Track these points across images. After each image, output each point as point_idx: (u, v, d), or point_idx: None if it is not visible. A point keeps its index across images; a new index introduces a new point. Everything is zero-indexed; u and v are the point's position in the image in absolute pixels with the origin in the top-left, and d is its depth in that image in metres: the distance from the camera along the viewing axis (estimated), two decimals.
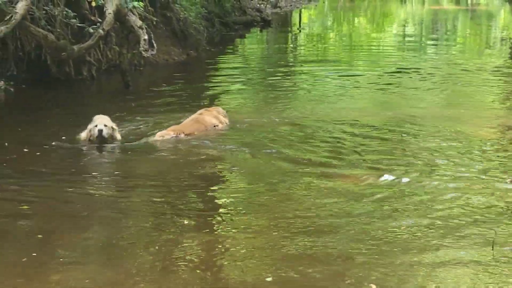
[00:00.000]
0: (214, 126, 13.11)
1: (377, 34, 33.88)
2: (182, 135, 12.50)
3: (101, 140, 11.69)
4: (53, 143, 11.83)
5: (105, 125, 11.68)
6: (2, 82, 16.19)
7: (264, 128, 13.27)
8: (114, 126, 11.95)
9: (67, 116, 14.16)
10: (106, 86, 17.85)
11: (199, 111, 13.41)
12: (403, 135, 12.65)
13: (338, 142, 12.19)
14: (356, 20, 40.94)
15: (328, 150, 11.67)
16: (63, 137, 12.29)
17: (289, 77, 19.84)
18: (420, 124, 13.37)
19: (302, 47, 27.89)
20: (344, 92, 17.49)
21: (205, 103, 15.34)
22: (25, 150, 11.63)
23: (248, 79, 19.74)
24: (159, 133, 12.48)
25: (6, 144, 11.87)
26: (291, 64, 22.74)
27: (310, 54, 25.53)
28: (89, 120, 12.98)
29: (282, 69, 21.11)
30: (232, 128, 13.35)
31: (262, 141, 12.33)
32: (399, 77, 19.34)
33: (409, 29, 36.28)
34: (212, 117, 13.24)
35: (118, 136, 12.03)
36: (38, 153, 11.46)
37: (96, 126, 11.70)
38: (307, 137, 12.58)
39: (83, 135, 12.00)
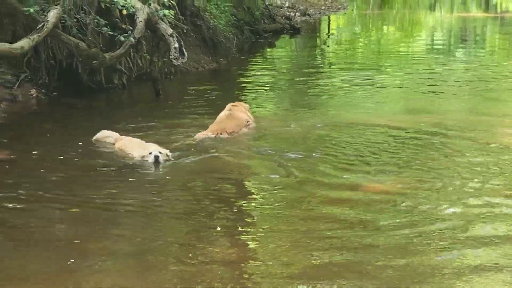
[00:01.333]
0: (247, 122, 13.17)
1: (406, 41, 33.66)
2: (225, 134, 12.54)
3: (156, 167, 11.17)
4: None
5: (160, 152, 11.26)
6: (34, 90, 16.32)
7: (294, 134, 13.28)
8: (168, 153, 11.45)
9: (98, 124, 14.18)
10: (136, 94, 17.87)
11: (227, 107, 13.49)
12: (435, 141, 12.56)
13: (366, 148, 12.15)
14: (384, 27, 40.73)
15: (357, 157, 11.63)
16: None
17: (318, 84, 19.77)
18: (450, 131, 13.29)
19: (331, 54, 27.77)
20: (373, 98, 17.41)
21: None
22: (60, 157, 11.69)
23: (277, 86, 19.70)
24: (200, 134, 12.67)
25: (36, 152, 11.92)
26: (320, 70, 22.65)
27: (339, 61, 25.40)
28: (119, 128, 13.05)
29: (311, 75, 21.04)
30: (262, 135, 13.39)
31: (292, 147, 12.30)
32: (428, 84, 19.18)
33: (438, 36, 36.01)
34: (243, 113, 13.31)
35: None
36: (75, 159, 11.52)
37: (151, 153, 11.23)
38: (336, 144, 12.54)
39: (136, 155, 11.60)
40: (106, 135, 12.45)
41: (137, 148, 11.64)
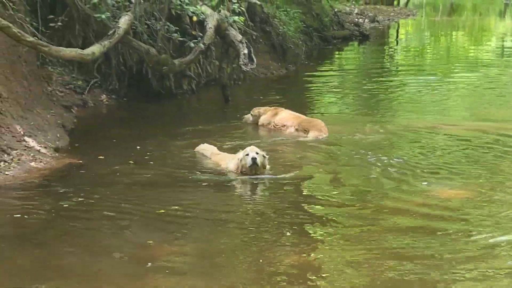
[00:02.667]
0: None
1: (475, 47, 33.21)
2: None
3: (254, 169, 10.85)
4: (195, 176, 11.05)
5: (257, 153, 10.86)
6: (104, 96, 16.47)
7: (362, 140, 13.26)
8: (265, 155, 11.08)
9: (168, 130, 14.25)
10: (205, 100, 17.91)
11: (277, 109, 14.66)
12: (506, 149, 12.36)
13: (435, 154, 12.11)
14: (454, 34, 40.25)
15: (426, 162, 11.52)
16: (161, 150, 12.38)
17: (386, 90, 19.62)
18: None
19: (399, 60, 27.54)
20: (441, 103, 17.20)
21: (307, 116, 15.32)
22: (128, 162, 11.75)
23: (346, 92, 19.62)
24: (314, 134, 13.28)
25: (103, 157, 12.00)
26: (388, 76, 22.42)
27: (407, 66, 25.14)
28: (190, 133, 13.06)
29: (379, 81, 20.88)
30: (331, 140, 13.40)
31: (360, 153, 12.27)
32: (497, 90, 18.90)
33: (507, 43, 35.44)
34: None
35: (267, 167, 11.12)
36: (144, 165, 11.56)
37: (247, 154, 10.86)
38: (404, 149, 12.55)
39: (232, 166, 11.19)
40: (203, 148, 12.18)
41: (232, 160, 11.24)
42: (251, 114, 14.78)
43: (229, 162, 11.28)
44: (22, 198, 9.85)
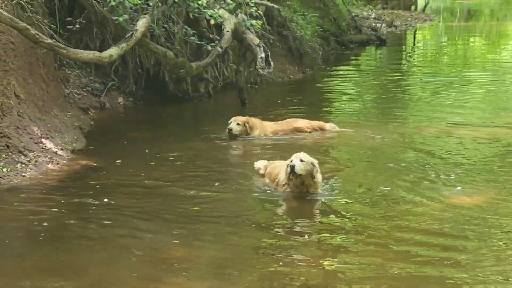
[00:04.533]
0: None
1: (493, 51, 33.02)
2: None
3: (297, 179, 9.82)
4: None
5: (302, 160, 9.76)
6: (121, 98, 16.50)
7: (380, 144, 13.29)
8: (314, 162, 9.95)
9: (185, 132, 14.26)
10: (222, 103, 17.90)
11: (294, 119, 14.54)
12: None
13: (452, 159, 12.11)
14: (471, 38, 40.07)
15: (443, 168, 11.47)
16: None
17: (403, 94, 19.60)
18: None
19: (416, 65, 27.37)
20: (459, 109, 17.07)
21: (322, 120, 15.29)
22: (143, 166, 11.76)
23: (362, 96, 19.58)
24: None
25: (120, 161, 12.00)
26: (405, 81, 22.30)
27: (424, 71, 24.94)
28: (207, 135, 13.04)
29: (396, 86, 20.81)
30: (348, 144, 13.46)
31: (378, 157, 12.37)
32: None
33: None
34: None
35: (319, 177, 10.05)
36: (158, 169, 11.57)
37: (291, 161, 9.82)
38: (421, 154, 12.50)
39: (282, 176, 10.16)
40: (257, 167, 11.16)
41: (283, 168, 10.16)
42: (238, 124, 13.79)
43: (281, 172, 10.18)
44: (38, 199, 9.89)
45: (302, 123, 14.38)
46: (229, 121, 13.78)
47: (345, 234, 8.70)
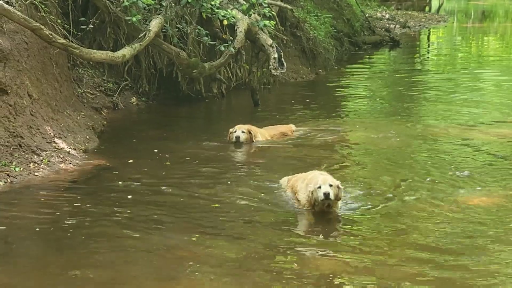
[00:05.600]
0: None
1: (508, 52, 32.88)
2: None
3: (327, 203, 9.41)
4: None
5: (331, 185, 9.36)
6: (134, 98, 16.51)
7: (393, 144, 13.28)
8: (339, 185, 9.53)
9: (198, 132, 14.26)
10: (235, 104, 17.91)
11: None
12: None
13: (466, 161, 12.07)
14: (485, 39, 39.92)
15: (457, 169, 11.44)
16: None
17: (416, 95, 19.52)
18: None
19: (430, 65, 27.31)
20: (472, 110, 17.03)
21: (337, 120, 15.27)
22: (167, 163, 11.81)
23: (375, 97, 19.54)
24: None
25: (132, 160, 12.01)
26: (418, 81, 22.17)
27: (438, 72, 24.90)
28: (219, 135, 13.02)
29: (410, 87, 20.74)
30: (360, 144, 13.52)
31: (391, 157, 12.36)
32: None
33: None
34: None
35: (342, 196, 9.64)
36: (170, 169, 11.57)
37: (319, 187, 9.34)
38: (434, 154, 12.53)
39: (303, 198, 9.66)
40: (283, 184, 10.59)
41: (302, 191, 9.67)
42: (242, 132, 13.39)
43: (300, 191, 9.73)
44: (51, 198, 9.90)
45: (285, 127, 14.17)
46: (233, 130, 13.37)
47: (361, 237, 8.68)
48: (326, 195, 9.24)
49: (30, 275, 7.45)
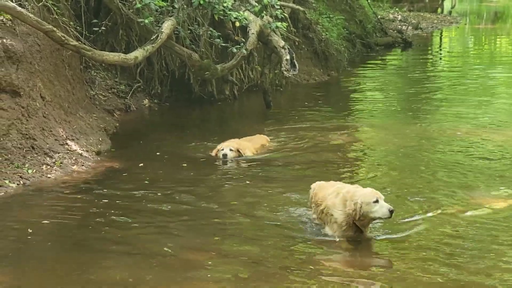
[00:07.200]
0: None
1: None
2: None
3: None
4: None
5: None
6: (147, 100, 16.52)
7: (405, 145, 13.28)
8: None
9: (210, 134, 14.25)
10: (247, 105, 17.91)
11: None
12: None
13: (480, 162, 12.03)
14: (498, 40, 39.80)
15: (472, 170, 11.45)
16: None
17: (429, 96, 19.47)
18: None
19: (442, 67, 27.22)
20: (485, 110, 17.01)
21: (348, 123, 15.23)
22: (184, 164, 11.84)
23: (388, 98, 19.52)
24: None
25: (142, 164, 12.01)
26: (431, 83, 22.11)
27: (450, 73, 24.78)
28: (231, 137, 13.02)
29: (422, 88, 20.65)
30: (372, 146, 13.53)
31: (403, 159, 12.35)
32: None
33: None
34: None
35: None
36: (181, 172, 11.59)
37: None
38: (448, 156, 12.50)
39: (340, 217, 8.53)
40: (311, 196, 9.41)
41: (337, 207, 8.55)
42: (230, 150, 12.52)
43: (334, 207, 8.57)
44: (63, 200, 9.92)
45: (264, 139, 13.50)
46: (220, 147, 12.51)
47: (379, 240, 8.66)
48: (392, 212, 8.19)
49: (42, 277, 7.45)
